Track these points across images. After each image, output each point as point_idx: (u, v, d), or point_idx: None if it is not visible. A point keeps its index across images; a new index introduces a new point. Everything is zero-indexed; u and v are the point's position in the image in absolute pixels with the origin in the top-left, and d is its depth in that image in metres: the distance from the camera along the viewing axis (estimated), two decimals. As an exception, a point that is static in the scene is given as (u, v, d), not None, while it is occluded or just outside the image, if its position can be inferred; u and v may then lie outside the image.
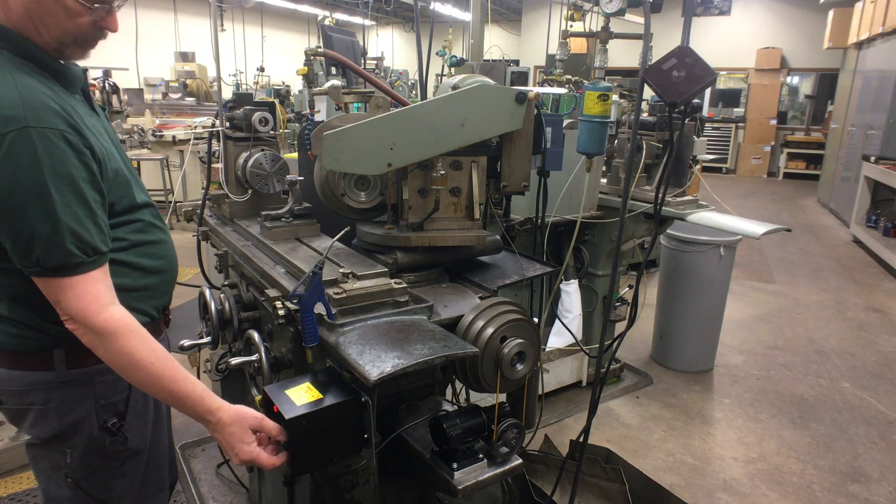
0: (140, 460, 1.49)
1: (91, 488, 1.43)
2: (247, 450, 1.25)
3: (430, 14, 9.77)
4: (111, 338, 1.19)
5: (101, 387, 1.38)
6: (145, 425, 1.50)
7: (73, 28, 1.21)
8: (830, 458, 3.17)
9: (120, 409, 1.42)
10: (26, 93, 1.12)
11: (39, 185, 1.10)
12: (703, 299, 3.91)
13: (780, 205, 10.09)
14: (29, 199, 1.10)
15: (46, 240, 1.13)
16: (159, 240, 1.46)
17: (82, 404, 1.36)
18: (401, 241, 1.67)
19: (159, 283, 1.47)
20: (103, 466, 1.43)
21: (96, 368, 1.34)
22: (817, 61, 12.56)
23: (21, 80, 1.13)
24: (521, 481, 2.38)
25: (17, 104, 1.10)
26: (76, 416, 1.37)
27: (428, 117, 1.55)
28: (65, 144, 1.14)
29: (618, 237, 1.97)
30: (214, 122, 2.25)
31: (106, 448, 1.41)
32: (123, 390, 1.42)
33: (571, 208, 3.16)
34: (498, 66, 7.08)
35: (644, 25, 2.02)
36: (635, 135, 2.27)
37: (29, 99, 1.12)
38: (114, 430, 1.41)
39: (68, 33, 1.21)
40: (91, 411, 1.37)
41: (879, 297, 5.74)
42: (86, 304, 1.17)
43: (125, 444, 1.44)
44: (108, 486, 1.45)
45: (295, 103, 8.14)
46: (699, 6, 13.25)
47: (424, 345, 1.30)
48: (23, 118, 1.09)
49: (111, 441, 1.41)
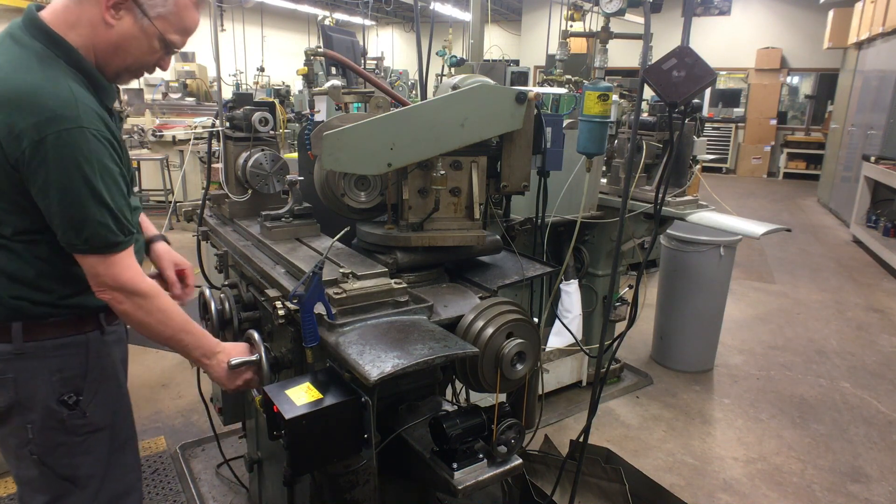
0: (103, 437, 1.54)
1: (56, 465, 1.49)
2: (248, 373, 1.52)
3: (430, 14, 9.77)
4: (153, 298, 1.39)
5: (57, 360, 1.44)
6: (106, 403, 1.54)
7: (143, 61, 1.41)
8: (830, 458, 3.17)
9: (77, 383, 1.47)
10: (80, 97, 1.28)
11: (90, 176, 1.27)
12: (703, 299, 3.91)
13: (780, 205, 10.10)
14: (82, 188, 1.27)
15: (96, 224, 1.29)
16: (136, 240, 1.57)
17: (39, 376, 1.43)
18: (401, 241, 1.67)
19: None
20: (65, 441, 1.48)
21: (52, 343, 1.43)
22: (817, 61, 12.56)
23: (75, 87, 1.29)
24: (521, 481, 2.38)
25: (73, 105, 1.26)
26: (33, 388, 1.43)
27: (428, 117, 1.55)
28: (107, 144, 1.31)
29: (618, 237, 1.97)
30: (214, 122, 2.25)
31: (65, 422, 1.47)
32: (81, 365, 1.47)
33: (571, 208, 3.16)
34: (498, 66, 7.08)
35: (644, 25, 2.02)
36: (635, 135, 2.28)
37: (82, 103, 1.28)
38: (70, 404, 1.46)
39: (136, 64, 1.41)
40: (48, 383, 1.44)
41: (879, 297, 5.74)
42: (132, 274, 1.36)
43: (84, 419, 1.49)
44: (73, 464, 1.50)
45: (295, 103, 8.13)
46: (699, 6, 13.25)
47: (424, 345, 1.30)
48: (77, 118, 1.25)
49: (69, 415, 1.47)
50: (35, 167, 1.24)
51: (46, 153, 1.23)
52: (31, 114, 1.22)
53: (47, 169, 1.24)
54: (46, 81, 1.26)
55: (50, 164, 1.24)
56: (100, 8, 1.30)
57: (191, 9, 1.40)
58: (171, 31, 1.38)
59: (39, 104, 1.23)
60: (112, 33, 1.33)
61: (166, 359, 3.90)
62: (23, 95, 1.23)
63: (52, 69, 1.29)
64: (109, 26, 1.32)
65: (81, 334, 1.47)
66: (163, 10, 1.35)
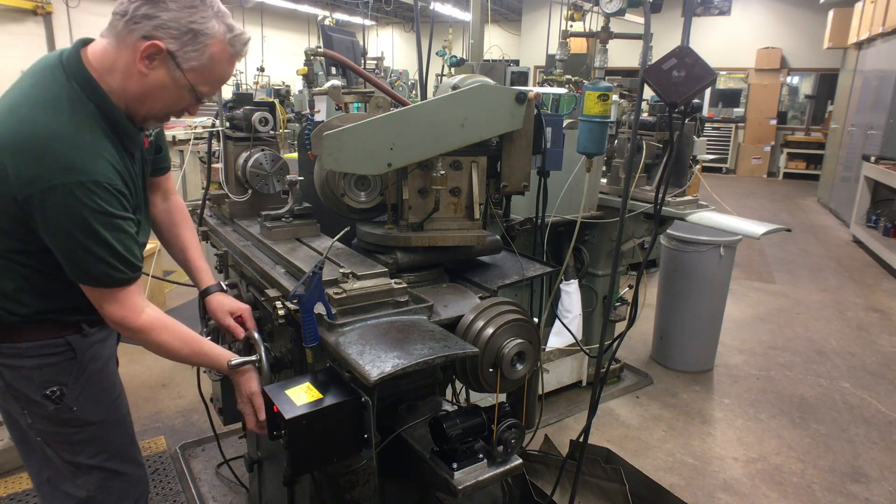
0: (98, 430, 1.58)
1: (60, 451, 1.55)
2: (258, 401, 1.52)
3: (430, 14, 9.77)
4: (146, 334, 1.42)
5: (36, 360, 1.47)
6: (96, 399, 1.56)
7: (171, 109, 1.42)
8: (830, 458, 3.17)
9: (60, 379, 1.50)
10: (100, 149, 1.31)
11: (97, 228, 1.29)
12: (703, 299, 3.91)
13: (780, 205, 10.10)
14: (89, 237, 1.29)
15: (102, 265, 1.32)
16: None
17: (20, 371, 1.46)
18: (401, 241, 1.67)
19: None
20: (61, 432, 1.53)
21: (28, 345, 1.45)
22: (817, 61, 12.56)
23: (97, 138, 1.32)
24: (521, 481, 2.38)
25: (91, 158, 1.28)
26: (18, 381, 1.47)
27: (428, 117, 1.55)
28: (118, 196, 1.33)
29: (618, 237, 1.97)
30: (214, 122, 2.25)
31: (53, 414, 1.50)
32: (62, 363, 1.49)
33: (571, 208, 3.16)
34: (498, 66, 7.09)
35: (644, 25, 2.02)
36: (635, 135, 2.28)
37: (100, 156, 1.30)
38: (54, 399, 1.49)
39: (164, 111, 1.42)
40: (30, 378, 1.47)
41: (879, 297, 5.74)
42: (126, 312, 1.38)
43: (73, 413, 1.52)
44: (73, 451, 1.56)
45: (295, 103, 8.12)
46: (699, 6, 13.24)
47: (424, 345, 1.30)
48: (92, 172, 1.27)
49: (55, 408, 1.50)
50: (44, 211, 1.26)
51: (57, 201, 1.25)
52: (49, 160, 1.24)
53: (56, 215, 1.26)
54: (70, 128, 1.28)
55: (59, 211, 1.26)
56: (134, 55, 1.30)
57: (225, 63, 1.39)
58: (203, 83, 1.38)
59: (57, 152, 1.25)
60: (144, 82, 1.34)
61: (166, 359, 3.90)
62: (45, 139, 1.25)
63: (80, 115, 1.31)
64: (143, 75, 1.33)
65: (59, 337, 1.49)
66: (196, 64, 1.34)
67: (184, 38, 1.31)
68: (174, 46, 1.31)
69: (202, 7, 1.32)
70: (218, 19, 1.35)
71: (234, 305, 1.69)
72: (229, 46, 1.38)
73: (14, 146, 1.24)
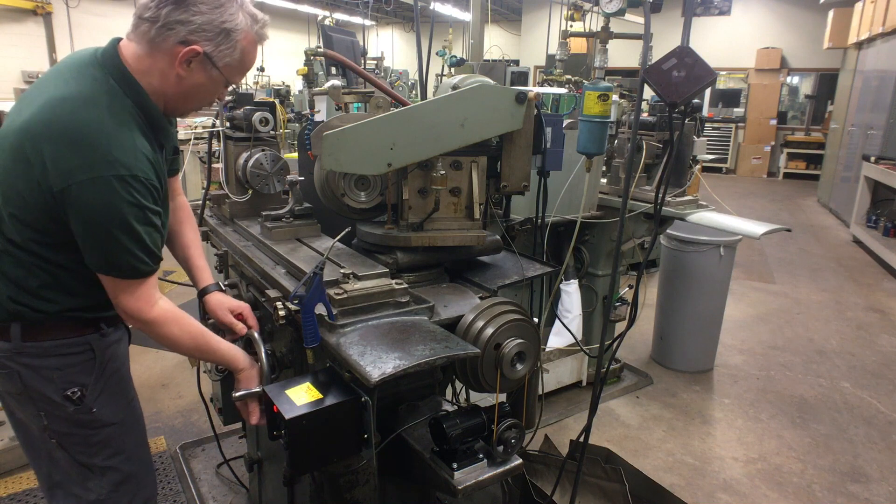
0: (116, 432, 1.57)
1: (75, 453, 1.54)
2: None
3: (430, 14, 9.77)
4: (158, 327, 1.42)
5: (57, 359, 1.46)
6: (114, 399, 1.56)
7: (207, 102, 1.50)
8: (830, 458, 3.17)
9: (80, 379, 1.49)
10: (138, 144, 1.33)
11: (130, 220, 1.31)
12: (703, 299, 3.91)
13: (780, 205, 10.10)
14: (122, 229, 1.31)
15: (129, 257, 1.34)
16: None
17: (40, 372, 1.45)
18: (401, 241, 1.67)
19: None
20: (78, 433, 1.52)
21: (50, 343, 1.45)
22: (817, 61, 12.56)
23: (135, 132, 1.34)
24: (521, 481, 2.38)
25: (131, 151, 1.31)
26: (38, 382, 1.46)
27: (428, 117, 1.55)
28: (151, 189, 1.35)
29: (618, 237, 1.97)
30: (215, 122, 2.25)
31: (72, 416, 1.49)
32: (83, 363, 1.49)
33: (571, 208, 3.16)
34: (498, 66, 7.09)
35: (644, 25, 2.02)
36: (635, 135, 2.28)
37: (139, 150, 1.33)
38: (75, 399, 1.48)
39: (200, 105, 1.50)
40: (51, 379, 1.46)
41: (879, 297, 5.74)
42: (141, 305, 1.39)
43: (92, 415, 1.51)
44: (89, 453, 1.54)
45: (295, 103, 8.13)
46: (699, 6, 13.24)
47: (425, 345, 1.30)
48: (131, 165, 1.30)
49: (75, 409, 1.49)
50: (80, 201, 1.27)
51: (96, 192, 1.26)
52: (89, 151, 1.26)
53: (93, 206, 1.28)
54: (110, 121, 1.30)
55: (97, 202, 1.27)
56: (172, 60, 1.35)
57: (253, 52, 1.45)
58: (236, 74, 1.45)
59: (98, 144, 1.27)
60: (183, 84, 1.39)
61: (166, 359, 3.90)
62: (85, 131, 1.27)
63: (118, 109, 1.33)
64: (181, 78, 1.37)
65: (80, 336, 1.48)
66: (230, 60, 1.39)
67: (217, 38, 1.35)
68: (210, 48, 1.35)
69: (229, 4, 1.36)
70: (243, 12, 1.39)
71: (233, 303, 1.69)
72: (256, 37, 1.43)
73: (53, 137, 1.26)
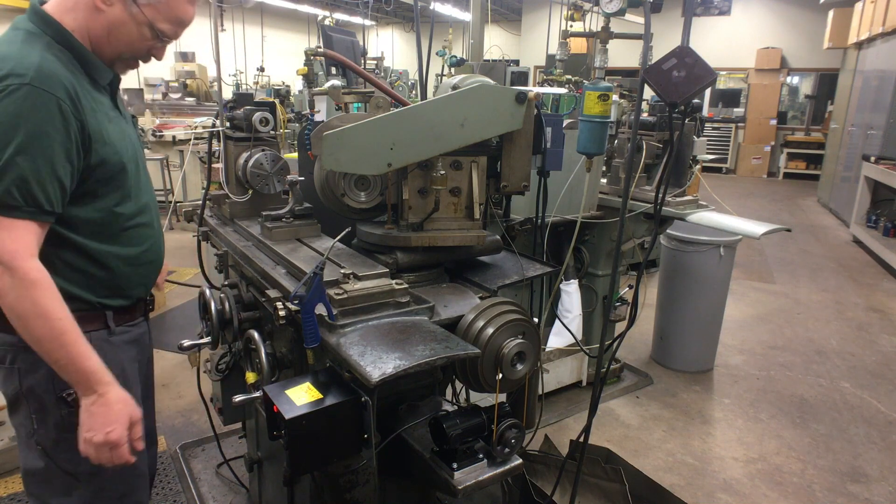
0: None
1: (60, 460, 1.50)
2: (120, 431, 1.37)
3: (430, 14, 9.76)
4: (31, 285, 1.26)
5: None
6: None
7: (134, 49, 1.44)
8: (830, 458, 3.17)
9: None
10: (43, 63, 1.29)
11: (13, 131, 1.24)
12: (703, 299, 3.91)
13: (780, 205, 10.09)
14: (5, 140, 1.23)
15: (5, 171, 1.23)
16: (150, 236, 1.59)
17: (40, 369, 1.43)
18: (401, 241, 1.67)
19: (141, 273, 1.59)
20: (67, 438, 1.47)
21: None
22: (817, 61, 12.56)
23: (45, 55, 1.31)
24: (521, 481, 2.38)
25: (31, 67, 1.27)
26: (34, 381, 1.45)
27: (428, 117, 1.55)
28: (56, 109, 1.28)
29: (618, 237, 1.97)
30: (214, 122, 2.25)
31: (64, 419, 1.46)
32: None
33: (571, 208, 3.16)
34: (498, 66, 7.09)
35: (644, 25, 2.02)
36: (635, 135, 2.28)
37: (44, 68, 1.29)
38: (69, 402, 1.45)
39: (128, 52, 1.44)
40: (47, 379, 1.44)
41: (879, 297, 5.74)
42: (18, 247, 1.26)
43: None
44: (75, 460, 1.48)
45: (295, 103, 8.13)
46: (699, 6, 13.25)
47: (426, 346, 1.30)
48: (29, 77, 1.25)
49: (68, 412, 1.45)
50: None
51: None
52: None
53: None
54: (21, 50, 1.30)
55: None
56: None
57: (183, 2, 1.42)
58: (161, 19, 1.41)
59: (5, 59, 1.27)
60: (103, 18, 1.38)
61: (166, 359, 3.90)
62: None
63: (33, 43, 1.33)
64: (100, 11, 1.37)
65: (85, 333, 1.44)
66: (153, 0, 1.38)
67: None
68: None
69: None
70: None
71: None
72: None
73: None
